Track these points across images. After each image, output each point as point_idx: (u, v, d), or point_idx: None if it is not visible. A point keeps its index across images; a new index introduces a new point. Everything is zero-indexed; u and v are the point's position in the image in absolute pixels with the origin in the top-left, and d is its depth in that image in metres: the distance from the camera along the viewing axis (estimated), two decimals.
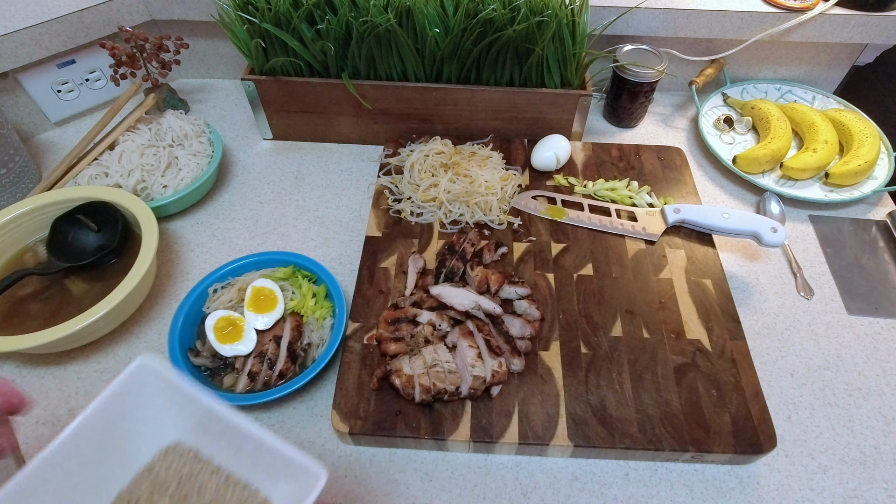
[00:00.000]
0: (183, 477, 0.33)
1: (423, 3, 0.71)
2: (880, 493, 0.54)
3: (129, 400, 0.32)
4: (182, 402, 0.33)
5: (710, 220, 0.70)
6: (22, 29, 0.76)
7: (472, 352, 0.56)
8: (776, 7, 0.84)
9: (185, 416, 0.34)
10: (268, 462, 0.32)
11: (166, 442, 0.35)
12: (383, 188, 0.75)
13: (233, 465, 0.34)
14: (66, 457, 0.29)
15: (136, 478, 0.33)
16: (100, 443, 0.31)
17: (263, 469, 0.33)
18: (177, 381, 0.32)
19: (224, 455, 0.34)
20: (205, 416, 0.33)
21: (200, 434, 0.34)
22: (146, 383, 0.33)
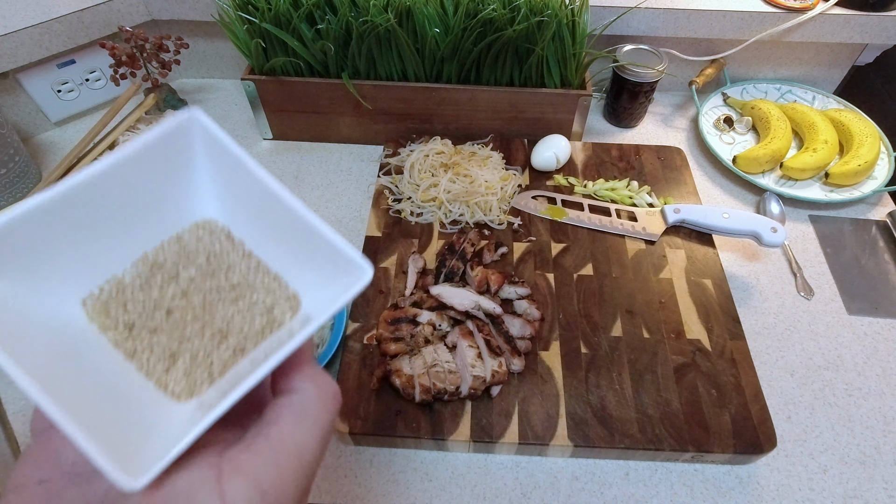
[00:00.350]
0: (212, 254, 0.29)
1: (423, 3, 0.71)
2: (880, 493, 0.54)
3: (171, 154, 0.27)
4: (228, 172, 0.28)
5: (710, 220, 0.70)
6: (22, 29, 0.76)
7: (472, 352, 0.56)
8: (776, 7, 0.84)
9: (226, 188, 0.29)
10: (305, 253, 0.28)
11: (198, 216, 0.30)
12: (383, 188, 0.75)
13: (265, 253, 0.30)
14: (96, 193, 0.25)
15: (164, 243, 0.29)
16: (133, 192, 0.27)
17: (299, 261, 0.29)
18: (228, 146, 0.27)
19: (258, 241, 0.30)
20: (251, 192, 0.28)
21: (237, 212, 0.30)
22: (192, 141, 0.27)
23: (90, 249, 0.26)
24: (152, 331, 0.27)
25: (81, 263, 0.26)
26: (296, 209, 0.27)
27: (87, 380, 0.24)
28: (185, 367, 0.27)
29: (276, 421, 0.24)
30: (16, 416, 0.57)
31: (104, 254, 0.27)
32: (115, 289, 0.27)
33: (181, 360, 0.27)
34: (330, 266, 0.27)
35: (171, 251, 0.28)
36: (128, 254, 0.28)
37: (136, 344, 0.26)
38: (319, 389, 0.26)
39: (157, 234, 0.29)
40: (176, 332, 0.27)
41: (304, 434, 0.24)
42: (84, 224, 0.25)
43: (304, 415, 0.25)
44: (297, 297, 0.30)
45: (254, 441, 0.23)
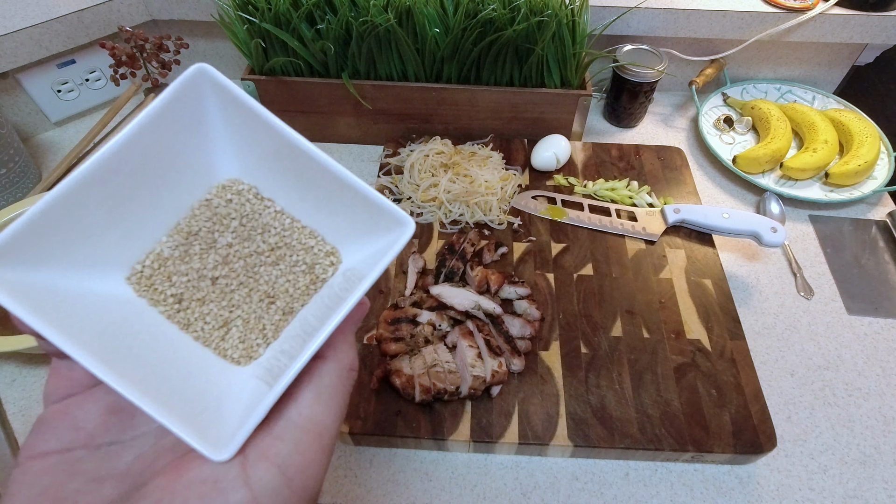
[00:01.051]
0: (244, 216, 0.28)
1: (423, 3, 0.71)
2: (880, 493, 0.54)
3: (184, 116, 0.26)
4: (244, 126, 0.27)
5: (710, 220, 0.70)
6: (22, 29, 0.76)
7: (472, 352, 0.56)
8: (776, 7, 0.84)
9: (245, 145, 0.28)
10: (336, 207, 0.27)
11: (222, 177, 0.29)
12: (383, 188, 0.75)
13: (297, 209, 0.29)
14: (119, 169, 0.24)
15: (194, 209, 0.28)
16: (155, 158, 0.26)
17: (331, 215, 0.28)
18: (241, 97, 0.25)
19: (287, 198, 0.29)
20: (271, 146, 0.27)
21: (261, 170, 0.29)
22: (203, 97, 0.26)
23: (124, 225, 0.26)
24: (201, 301, 0.27)
25: (118, 241, 0.26)
26: (324, 163, 0.26)
27: (150, 355, 0.24)
28: (240, 333, 0.27)
29: (296, 399, 0.24)
30: (15, 416, 0.57)
31: (138, 228, 0.26)
32: (156, 263, 0.27)
33: (234, 326, 0.27)
34: (366, 220, 0.26)
35: (202, 217, 0.28)
36: (161, 225, 0.27)
37: (189, 315, 0.27)
38: (338, 363, 0.25)
39: (186, 201, 0.28)
40: (224, 299, 0.27)
41: (322, 412, 0.24)
42: (113, 200, 0.25)
43: (322, 391, 0.24)
44: (336, 253, 0.29)
45: (276, 423, 0.23)
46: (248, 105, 0.25)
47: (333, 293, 0.27)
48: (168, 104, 0.25)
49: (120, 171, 0.24)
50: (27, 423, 0.57)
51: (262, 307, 0.27)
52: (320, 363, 0.25)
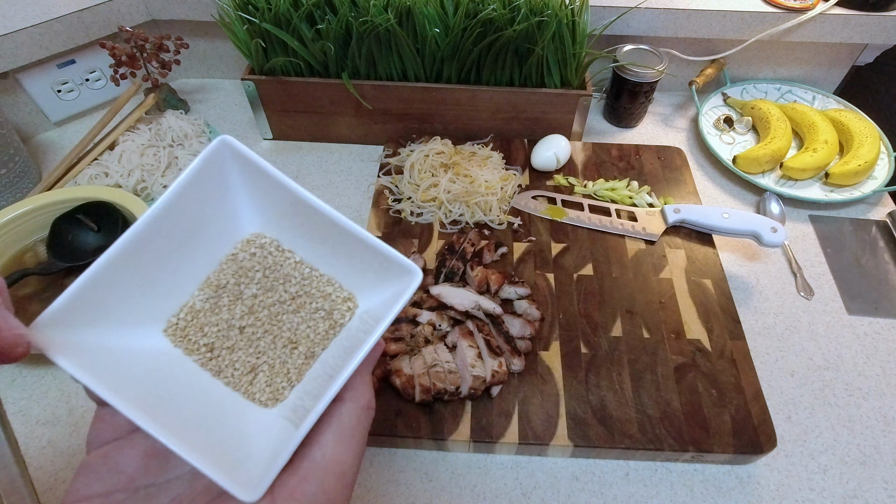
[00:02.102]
0: (268, 267, 0.31)
1: (423, 3, 0.71)
2: (880, 493, 0.54)
3: (210, 182, 0.29)
4: (263, 187, 0.30)
5: (710, 220, 0.70)
6: (22, 29, 0.76)
7: (472, 352, 0.56)
8: (776, 7, 0.84)
9: (265, 203, 0.31)
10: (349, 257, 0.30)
11: (246, 233, 0.32)
12: (383, 188, 0.75)
13: (315, 259, 0.32)
14: (156, 234, 0.28)
15: (222, 264, 0.31)
16: (185, 225, 0.29)
17: (346, 265, 0.31)
18: (258, 162, 0.29)
19: (306, 248, 0.32)
20: (287, 203, 0.30)
21: (281, 224, 0.32)
22: (225, 164, 0.30)
23: (160, 285, 0.29)
24: (230, 349, 0.29)
25: (155, 299, 0.29)
26: (332, 217, 0.29)
27: (185, 402, 0.26)
28: (267, 378, 0.29)
29: (318, 441, 0.25)
30: (15, 416, 0.57)
31: (173, 285, 0.29)
32: (189, 315, 0.29)
33: (261, 371, 0.29)
34: (377, 268, 0.29)
35: (229, 271, 0.31)
36: (193, 280, 0.30)
37: (220, 362, 0.29)
38: (356, 403, 0.26)
39: (214, 256, 0.31)
40: (251, 346, 0.29)
41: (344, 452, 0.25)
42: (150, 264, 0.28)
43: (343, 432, 0.26)
44: (353, 298, 0.32)
45: (301, 464, 0.24)
46: (264, 169, 0.29)
47: (351, 335, 0.29)
48: (196, 175, 0.28)
49: (155, 238, 0.28)
50: (27, 423, 0.57)
51: (286, 352, 0.30)
52: (339, 405, 0.26)
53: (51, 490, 0.53)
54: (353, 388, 0.27)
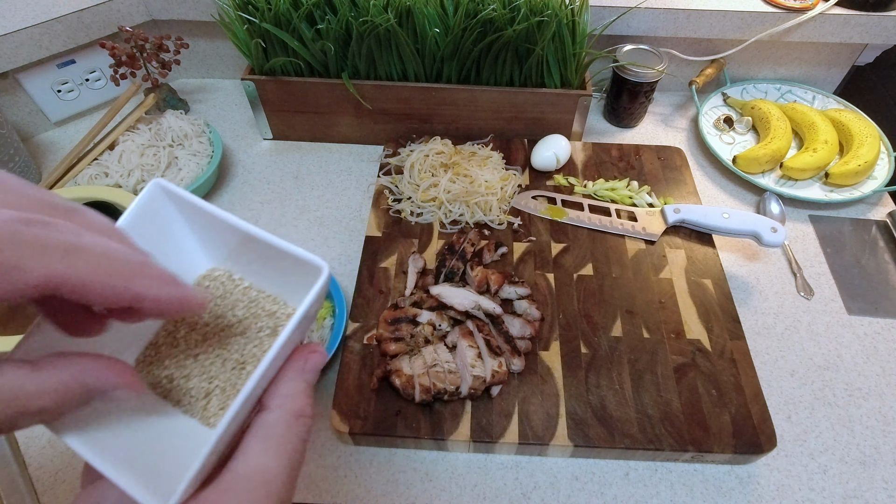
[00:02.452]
0: (219, 296, 0.32)
1: (423, 3, 0.71)
2: (880, 493, 0.54)
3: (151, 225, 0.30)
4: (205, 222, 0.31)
5: (710, 220, 0.70)
6: (22, 29, 0.76)
7: (472, 352, 0.56)
8: (776, 7, 0.84)
9: (211, 237, 0.32)
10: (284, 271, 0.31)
11: (202, 269, 0.33)
12: (383, 188, 0.75)
13: (262, 281, 0.33)
14: None
15: None
16: None
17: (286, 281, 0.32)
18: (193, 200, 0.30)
19: (254, 273, 0.33)
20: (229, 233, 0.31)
21: (230, 255, 0.33)
22: (163, 207, 0.30)
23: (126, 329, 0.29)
24: (187, 378, 0.30)
25: (124, 342, 0.30)
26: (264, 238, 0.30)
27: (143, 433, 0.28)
28: (219, 401, 0.30)
29: (243, 450, 0.24)
30: None
31: (137, 329, 0.31)
32: (152, 351, 0.31)
33: (214, 395, 0.30)
34: (302, 275, 0.30)
35: None
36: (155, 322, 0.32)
37: (178, 392, 0.30)
38: (284, 411, 0.25)
39: None
40: (205, 373, 0.30)
41: (269, 461, 0.24)
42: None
43: (268, 440, 0.25)
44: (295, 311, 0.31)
45: (223, 477, 0.24)
46: (200, 206, 0.30)
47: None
48: (133, 220, 0.29)
49: None
50: None
51: (235, 373, 0.30)
52: (266, 413, 0.25)
53: (51, 490, 0.53)
54: (280, 396, 0.26)
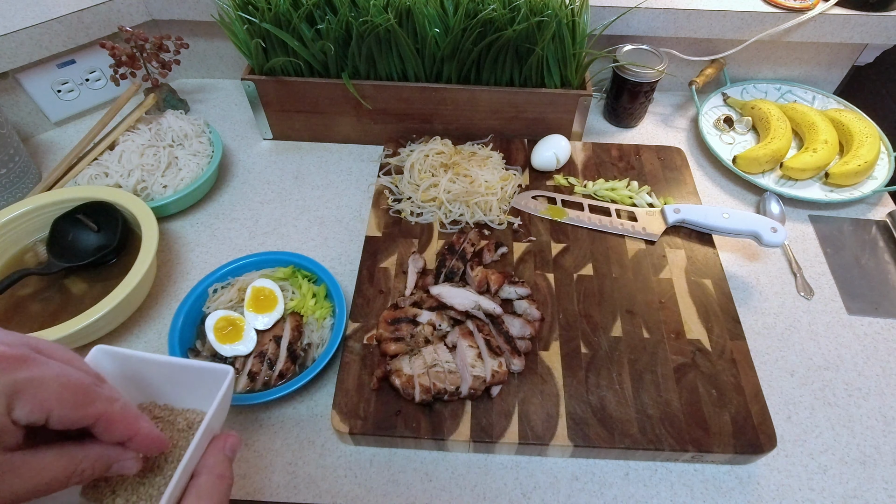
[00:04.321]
0: (152, 420, 0.39)
1: (423, 3, 0.71)
2: (880, 493, 0.54)
3: None
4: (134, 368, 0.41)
5: (710, 220, 0.70)
6: (22, 29, 0.76)
7: (472, 352, 0.56)
8: (776, 7, 0.84)
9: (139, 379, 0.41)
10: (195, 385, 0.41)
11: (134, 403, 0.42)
12: (383, 188, 0.75)
13: (179, 400, 0.42)
14: None
15: None
16: None
17: (199, 393, 0.41)
18: (124, 352, 0.40)
19: (172, 396, 0.42)
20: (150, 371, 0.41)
21: (154, 388, 0.42)
22: (104, 363, 0.40)
23: None
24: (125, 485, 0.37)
25: None
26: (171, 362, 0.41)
27: None
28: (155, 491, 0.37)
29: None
30: None
31: None
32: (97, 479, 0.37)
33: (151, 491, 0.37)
34: (214, 383, 0.39)
35: None
36: None
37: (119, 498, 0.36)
38: (210, 474, 0.35)
39: None
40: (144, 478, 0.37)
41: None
42: None
43: (201, 496, 0.34)
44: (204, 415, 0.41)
45: None
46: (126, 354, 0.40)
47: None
48: None
49: None
50: None
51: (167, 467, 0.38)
52: (197, 478, 0.35)
53: None
54: (207, 465, 0.35)
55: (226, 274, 0.64)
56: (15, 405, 0.29)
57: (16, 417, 0.29)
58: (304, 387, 0.58)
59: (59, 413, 0.30)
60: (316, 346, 0.60)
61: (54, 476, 0.30)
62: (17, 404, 0.29)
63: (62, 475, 0.31)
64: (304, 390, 0.59)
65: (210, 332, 0.58)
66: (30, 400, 0.29)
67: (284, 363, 0.57)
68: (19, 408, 0.29)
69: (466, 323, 0.60)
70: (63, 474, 0.31)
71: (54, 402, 0.30)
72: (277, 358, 0.58)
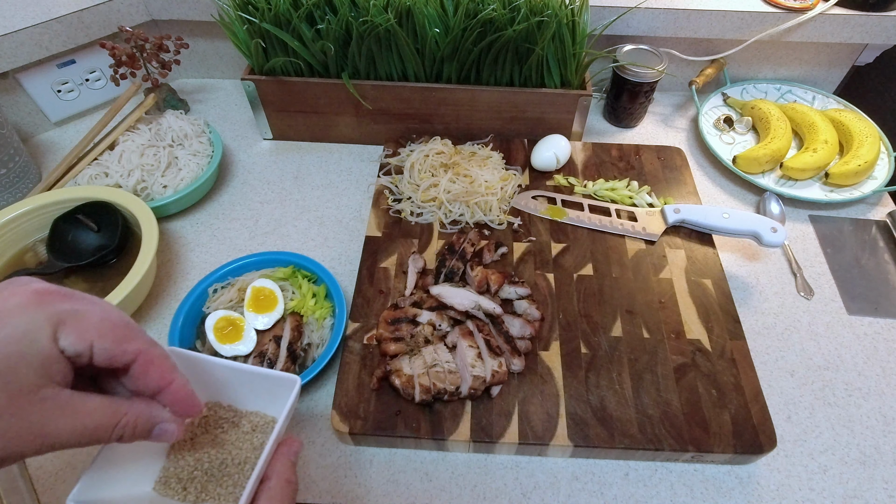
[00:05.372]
0: (216, 420, 0.43)
1: (423, 3, 0.71)
2: (880, 493, 0.54)
3: None
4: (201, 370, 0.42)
5: (710, 220, 0.70)
6: (22, 29, 0.76)
7: (472, 352, 0.56)
8: (776, 7, 0.84)
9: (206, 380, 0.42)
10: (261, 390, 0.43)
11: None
12: (383, 188, 0.75)
13: (243, 402, 0.44)
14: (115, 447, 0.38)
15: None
16: None
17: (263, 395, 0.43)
18: (194, 355, 0.41)
19: (236, 397, 0.44)
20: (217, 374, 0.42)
21: (219, 389, 0.43)
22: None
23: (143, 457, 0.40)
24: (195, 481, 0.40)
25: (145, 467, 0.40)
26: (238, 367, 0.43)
27: None
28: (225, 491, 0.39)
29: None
30: None
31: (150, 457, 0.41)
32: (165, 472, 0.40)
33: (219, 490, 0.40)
34: (279, 390, 0.41)
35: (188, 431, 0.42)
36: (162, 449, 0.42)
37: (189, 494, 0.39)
38: (279, 479, 0.36)
39: None
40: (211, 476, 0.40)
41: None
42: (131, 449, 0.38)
43: (272, 499, 0.35)
44: (275, 420, 0.44)
45: None
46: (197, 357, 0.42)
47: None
48: None
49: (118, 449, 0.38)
50: None
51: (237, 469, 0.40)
52: (266, 482, 0.36)
53: (51, 490, 0.53)
54: (276, 471, 0.36)
55: (226, 274, 0.64)
56: (59, 334, 0.29)
57: (62, 346, 0.29)
58: (304, 387, 0.58)
59: (100, 345, 0.30)
60: (316, 346, 0.60)
61: (99, 423, 0.30)
62: (61, 333, 0.29)
63: (107, 423, 0.31)
64: (304, 390, 0.59)
65: (210, 333, 0.58)
66: (73, 329, 0.30)
67: (284, 363, 0.57)
68: (63, 336, 0.29)
69: (466, 323, 0.60)
70: (108, 422, 0.31)
71: (95, 334, 0.30)
72: (277, 358, 0.58)
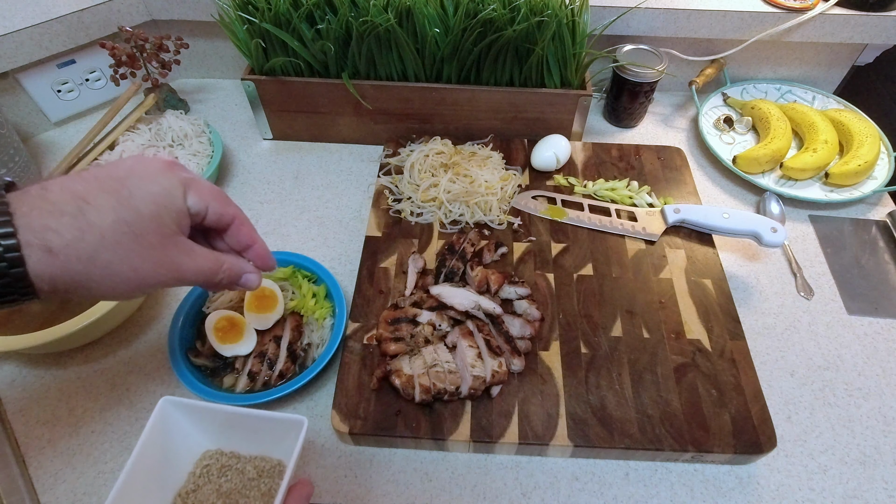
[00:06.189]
0: (219, 468, 0.46)
1: (423, 3, 0.71)
2: (880, 493, 0.54)
3: (165, 428, 0.45)
4: (201, 416, 0.46)
5: (710, 220, 0.70)
6: (22, 29, 0.76)
7: (472, 352, 0.56)
8: (776, 7, 0.84)
9: (205, 425, 0.46)
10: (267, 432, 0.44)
11: (199, 452, 0.48)
12: (383, 188, 0.75)
13: (246, 447, 0.46)
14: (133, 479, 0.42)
15: (186, 479, 0.47)
16: (153, 464, 0.45)
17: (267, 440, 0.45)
18: (192, 403, 0.46)
19: (239, 442, 0.46)
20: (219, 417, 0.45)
21: (220, 435, 0.47)
22: (171, 413, 0.46)
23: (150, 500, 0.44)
24: None
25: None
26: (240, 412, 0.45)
27: None
28: None
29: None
30: (16, 416, 0.57)
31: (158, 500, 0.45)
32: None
33: None
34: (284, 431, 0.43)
35: (192, 482, 0.47)
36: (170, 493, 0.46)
37: None
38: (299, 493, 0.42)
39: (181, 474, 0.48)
40: None
41: None
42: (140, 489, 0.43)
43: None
44: (282, 462, 0.47)
45: None
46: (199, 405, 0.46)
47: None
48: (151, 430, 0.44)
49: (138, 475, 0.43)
50: (27, 423, 0.57)
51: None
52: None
53: (51, 490, 0.53)
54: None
55: None
56: (187, 195, 0.36)
57: (188, 204, 0.36)
58: (304, 387, 0.58)
59: (213, 206, 0.38)
60: (316, 346, 0.60)
61: (209, 266, 0.37)
62: (188, 194, 0.36)
63: (213, 267, 0.38)
64: (304, 390, 0.59)
65: (210, 332, 0.58)
66: (196, 192, 0.37)
67: (284, 363, 0.57)
68: (189, 196, 0.36)
69: (466, 323, 0.60)
70: (213, 267, 0.38)
71: (210, 197, 0.38)
72: (277, 358, 0.58)
